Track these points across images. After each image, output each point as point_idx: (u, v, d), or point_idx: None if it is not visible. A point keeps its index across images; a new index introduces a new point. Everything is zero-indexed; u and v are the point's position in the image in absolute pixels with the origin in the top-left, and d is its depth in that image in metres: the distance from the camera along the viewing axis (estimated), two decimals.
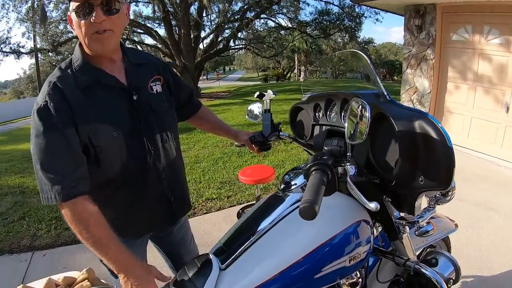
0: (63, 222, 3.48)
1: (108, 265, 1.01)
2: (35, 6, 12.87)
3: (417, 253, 1.50)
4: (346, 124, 1.00)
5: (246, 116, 1.65)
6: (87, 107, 1.06)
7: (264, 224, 1.05)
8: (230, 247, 1.04)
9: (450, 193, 1.10)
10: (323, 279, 0.99)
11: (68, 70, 1.08)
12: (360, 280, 1.20)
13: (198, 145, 6.06)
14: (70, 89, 1.04)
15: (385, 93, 1.03)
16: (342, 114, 1.21)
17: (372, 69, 1.09)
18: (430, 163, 0.91)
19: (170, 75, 1.34)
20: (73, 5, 0.99)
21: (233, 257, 1.00)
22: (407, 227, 1.18)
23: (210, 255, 1.03)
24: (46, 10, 12.76)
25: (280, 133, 1.53)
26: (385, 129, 1.00)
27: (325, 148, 1.09)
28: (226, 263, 1.00)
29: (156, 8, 13.86)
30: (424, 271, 1.13)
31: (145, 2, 15.25)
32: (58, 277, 1.15)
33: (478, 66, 4.58)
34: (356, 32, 18.98)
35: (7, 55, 14.77)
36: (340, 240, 1.00)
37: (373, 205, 0.88)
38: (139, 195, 1.22)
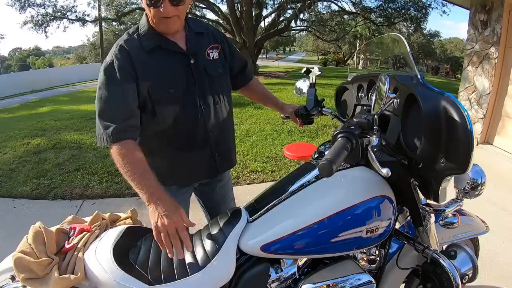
0: (114, 176, 3.81)
1: (141, 197, 1.11)
2: None
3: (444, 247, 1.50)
4: (373, 97, 1.04)
5: (294, 91, 1.71)
6: (148, 67, 1.21)
7: (294, 187, 1.14)
8: (260, 204, 1.15)
9: (479, 187, 1.08)
10: (339, 245, 1.06)
11: (135, 35, 1.24)
12: (377, 259, 1.25)
13: (250, 120, 6.24)
14: (135, 51, 1.20)
15: (418, 76, 1.05)
16: (384, 93, 1.25)
17: (408, 51, 1.11)
18: (451, 144, 0.93)
19: (227, 46, 1.47)
20: None
21: (260, 212, 1.11)
22: (432, 216, 1.20)
23: (241, 208, 1.14)
24: None
25: (323, 109, 1.58)
26: (417, 110, 1.03)
27: (355, 120, 1.13)
28: (254, 216, 1.11)
29: None
30: (441, 261, 1.14)
31: None
32: (105, 214, 1.30)
33: None
34: (422, 23, 17.99)
35: (72, 23, 15.72)
36: (360, 210, 1.06)
37: (385, 171, 0.92)
38: (186, 147, 1.37)
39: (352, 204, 1.06)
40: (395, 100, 1.13)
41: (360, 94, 1.42)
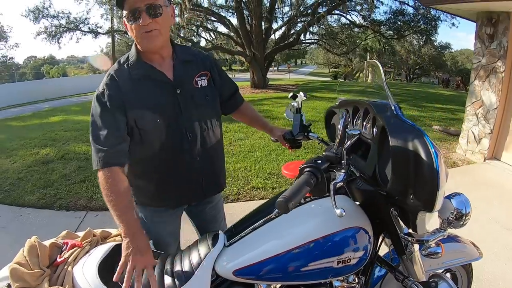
0: None
1: (119, 227, 1.16)
2: None
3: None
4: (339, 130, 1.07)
5: (284, 114, 1.70)
6: (136, 97, 1.27)
7: (273, 213, 1.14)
8: (238, 228, 1.18)
9: (463, 218, 1.03)
10: (310, 274, 1.07)
11: (125, 65, 1.30)
12: (356, 286, 1.22)
13: (255, 135, 6.19)
14: (124, 81, 1.26)
15: (393, 107, 1.05)
16: (364, 123, 1.23)
17: (383, 81, 1.11)
18: (418, 182, 0.92)
19: (217, 72, 1.49)
20: (124, 12, 1.19)
21: (237, 237, 1.13)
22: (416, 245, 1.17)
23: (219, 232, 1.17)
24: None
25: (310, 134, 1.58)
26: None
27: (324, 153, 1.14)
28: (231, 241, 1.13)
29: None
30: None
31: None
32: (97, 230, 1.36)
33: None
34: (432, 35, 17.95)
35: (85, 34, 16.11)
36: (331, 241, 1.06)
37: (338, 211, 0.93)
38: (173, 172, 1.40)
39: (324, 235, 1.06)
40: (374, 129, 1.12)
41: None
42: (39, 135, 7.00)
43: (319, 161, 1.06)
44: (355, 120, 1.31)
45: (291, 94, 1.62)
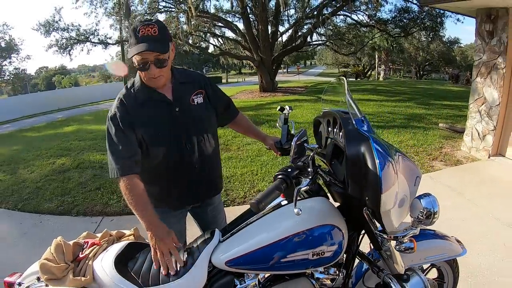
0: None
1: (141, 223, 1.38)
2: (121, 1, 14.10)
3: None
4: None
5: (277, 124, 1.84)
6: (142, 116, 1.50)
7: (260, 213, 1.32)
8: (231, 226, 1.38)
9: (432, 215, 1.13)
10: (291, 265, 1.25)
11: (131, 90, 1.55)
12: (338, 278, 1.38)
13: None
14: (131, 104, 1.51)
15: (353, 121, 1.22)
16: (341, 133, 1.35)
17: (346, 94, 1.28)
18: (367, 185, 1.08)
19: (211, 90, 1.71)
20: (133, 52, 1.39)
21: (230, 233, 1.33)
22: (393, 242, 1.27)
23: (216, 230, 1.36)
24: (130, 5, 14.05)
25: None
26: None
27: (292, 163, 1.34)
28: (225, 236, 1.33)
29: (234, 3, 14.50)
30: (391, 284, 1.29)
31: None
32: (113, 231, 1.56)
33: None
34: (439, 31, 17.84)
35: (95, 45, 16.46)
36: (305, 236, 1.23)
37: (296, 210, 1.10)
38: (175, 178, 1.63)
39: (300, 230, 1.23)
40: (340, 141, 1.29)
41: (329, 128, 1.55)
42: (54, 145, 7.26)
43: (290, 170, 1.25)
44: (335, 129, 1.46)
45: (279, 107, 1.78)
